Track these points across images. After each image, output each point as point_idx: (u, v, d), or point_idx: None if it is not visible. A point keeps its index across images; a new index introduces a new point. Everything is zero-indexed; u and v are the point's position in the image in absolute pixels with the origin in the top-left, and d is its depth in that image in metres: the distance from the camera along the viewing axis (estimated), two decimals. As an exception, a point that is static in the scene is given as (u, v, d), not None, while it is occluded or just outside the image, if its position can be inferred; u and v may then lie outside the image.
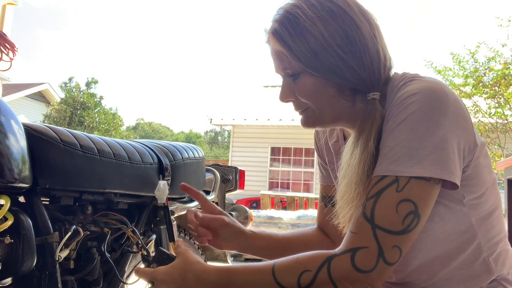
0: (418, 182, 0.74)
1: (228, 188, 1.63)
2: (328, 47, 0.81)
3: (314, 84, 0.84)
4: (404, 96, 0.78)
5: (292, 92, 0.88)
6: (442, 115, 0.75)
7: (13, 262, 0.76)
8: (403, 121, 0.76)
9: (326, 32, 0.81)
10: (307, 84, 0.85)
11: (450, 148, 0.75)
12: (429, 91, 0.77)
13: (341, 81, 0.83)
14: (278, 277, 0.76)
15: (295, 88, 0.87)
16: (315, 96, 0.86)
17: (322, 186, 1.13)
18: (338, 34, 0.82)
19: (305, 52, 0.82)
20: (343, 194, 0.84)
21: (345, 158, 0.87)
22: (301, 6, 0.84)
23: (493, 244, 0.85)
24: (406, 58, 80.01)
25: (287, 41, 0.83)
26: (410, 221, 0.73)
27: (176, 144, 1.28)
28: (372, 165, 0.80)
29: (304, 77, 0.85)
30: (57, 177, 0.85)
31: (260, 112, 11.10)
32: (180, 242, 0.89)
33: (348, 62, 0.82)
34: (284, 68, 0.87)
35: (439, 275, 0.85)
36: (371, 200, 0.75)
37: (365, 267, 0.72)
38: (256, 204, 9.70)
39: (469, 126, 0.80)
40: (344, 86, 0.84)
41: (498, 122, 7.81)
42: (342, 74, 0.82)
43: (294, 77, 0.86)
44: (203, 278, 0.80)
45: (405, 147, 0.75)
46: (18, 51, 1.38)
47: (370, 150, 0.80)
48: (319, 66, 0.82)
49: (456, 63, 8.02)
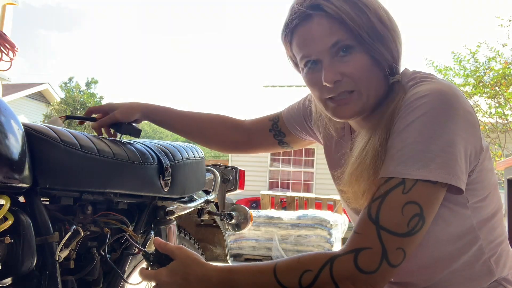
0: (424, 185, 0.73)
1: (228, 188, 1.63)
2: (380, 20, 0.81)
3: (368, 60, 0.81)
4: (414, 98, 0.77)
5: (340, 72, 0.81)
6: (451, 119, 0.74)
7: (13, 262, 0.76)
8: (412, 122, 0.75)
9: (376, 6, 0.82)
10: (361, 60, 0.81)
11: (458, 153, 0.74)
12: (440, 94, 0.76)
13: (388, 60, 0.82)
14: (280, 277, 0.75)
15: (345, 66, 0.81)
16: (367, 74, 0.81)
17: (283, 118, 1.17)
18: (384, 11, 0.83)
19: (364, 20, 0.79)
20: (352, 173, 0.83)
21: (362, 142, 0.84)
22: None
23: (495, 245, 0.85)
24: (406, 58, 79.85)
25: (344, 8, 0.79)
26: (415, 224, 0.72)
27: (176, 144, 1.28)
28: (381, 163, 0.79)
29: (357, 52, 0.80)
30: (57, 177, 0.85)
31: (260, 112, 11.05)
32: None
33: (395, 38, 0.83)
34: (336, 42, 0.80)
35: (440, 276, 0.85)
36: (377, 201, 0.74)
37: (368, 268, 0.71)
38: (256, 204, 9.69)
39: (477, 131, 0.79)
40: (384, 67, 0.83)
41: (498, 122, 7.81)
42: (391, 51, 0.82)
43: (347, 51, 0.81)
44: (204, 278, 0.79)
45: (413, 149, 0.74)
46: (18, 51, 1.38)
47: (388, 132, 0.80)
48: (376, 39, 0.80)
49: (456, 62, 8.02)
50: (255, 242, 5.17)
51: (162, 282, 0.82)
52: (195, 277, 0.80)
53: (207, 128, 1.23)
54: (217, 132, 1.23)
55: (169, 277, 0.81)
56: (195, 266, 0.81)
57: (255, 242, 5.17)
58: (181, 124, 1.21)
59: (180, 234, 1.54)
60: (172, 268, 0.82)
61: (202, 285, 0.79)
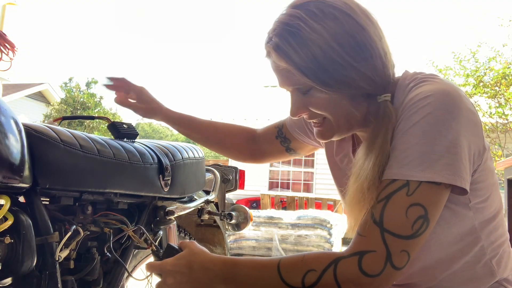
0: (428, 186, 0.72)
1: (228, 188, 1.63)
2: (338, 58, 0.75)
3: (329, 97, 0.79)
4: (417, 98, 0.76)
5: (304, 105, 0.83)
6: (455, 120, 0.73)
7: (13, 262, 0.76)
8: (416, 124, 0.74)
9: (334, 42, 0.75)
10: (320, 98, 0.80)
11: (462, 153, 0.73)
12: (443, 94, 0.75)
13: (356, 91, 0.78)
14: (283, 273, 0.75)
15: (307, 101, 0.82)
16: (331, 107, 0.81)
17: (287, 125, 1.18)
18: (347, 42, 0.76)
19: (313, 68, 0.76)
20: (353, 199, 0.81)
21: (359, 162, 0.82)
22: (301, 16, 0.77)
23: (496, 246, 0.85)
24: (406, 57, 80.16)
25: (292, 57, 0.76)
26: (420, 226, 0.72)
27: (176, 144, 1.28)
28: (384, 169, 0.77)
29: (316, 91, 0.80)
30: (57, 177, 0.85)
31: (260, 112, 11.09)
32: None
33: (361, 70, 0.76)
34: (291, 85, 0.81)
35: (442, 277, 0.85)
36: (381, 203, 0.74)
37: (372, 271, 0.71)
38: (256, 204, 9.69)
39: (480, 130, 0.79)
40: (357, 94, 0.80)
41: (498, 122, 7.81)
42: (356, 84, 0.77)
43: (305, 92, 0.81)
44: (209, 268, 0.80)
45: (417, 151, 0.73)
46: (18, 51, 1.38)
47: (386, 152, 0.77)
48: (331, 81, 0.76)
49: (457, 62, 8.02)
50: (255, 242, 5.17)
51: (166, 271, 0.82)
52: (199, 265, 0.80)
53: (226, 139, 1.27)
54: (234, 143, 1.26)
55: (174, 266, 0.82)
56: (201, 255, 0.82)
57: (255, 242, 5.17)
58: (202, 134, 1.26)
59: (180, 234, 1.54)
60: (178, 257, 0.83)
61: (206, 274, 0.79)
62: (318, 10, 0.77)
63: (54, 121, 1.15)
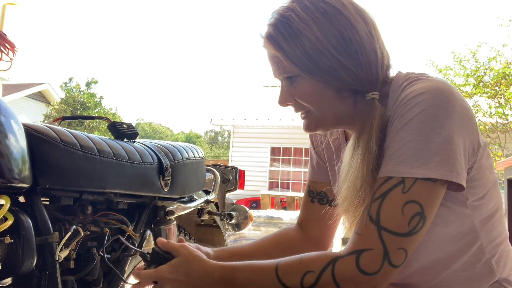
0: (424, 183, 0.73)
1: (228, 188, 1.64)
2: (323, 49, 0.80)
3: (313, 87, 0.83)
4: (410, 96, 0.77)
5: (291, 95, 0.87)
6: (449, 116, 0.74)
7: (13, 262, 0.76)
8: (410, 121, 0.75)
9: (321, 34, 0.80)
10: (305, 87, 0.84)
11: (457, 149, 0.74)
12: (436, 91, 0.75)
13: (339, 83, 0.82)
14: (281, 276, 0.75)
15: (294, 91, 0.86)
16: (315, 98, 0.85)
17: (311, 182, 1.10)
18: (333, 35, 0.80)
19: (300, 55, 0.81)
20: (346, 197, 0.83)
21: (346, 160, 0.85)
22: (294, 8, 0.82)
23: (495, 245, 0.85)
24: (406, 57, 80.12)
25: (282, 45, 0.82)
26: (416, 223, 0.72)
27: (176, 144, 1.28)
28: (376, 165, 0.79)
29: (302, 80, 0.84)
30: (57, 177, 0.85)
31: (260, 112, 11.08)
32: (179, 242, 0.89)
33: (344, 63, 0.80)
34: (281, 73, 0.86)
35: (441, 277, 0.85)
36: (377, 201, 0.74)
37: (370, 270, 0.71)
38: (256, 204, 9.69)
39: (474, 126, 0.79)
40: (342, 88, 0.83)
41: (498, 122, 7.81)
42: (339, 75, 0.81)
43: (292, 80, 0.85)
44: (206, 275, 0.80)
45: (412, 148, 0.74)
46: (18, 51, 1.38)
47: (372, 150, 0.79)
48: (315, 69, 0.81)
49: (457, 62, 8.02)
50: (255, 242, 5.17)
51: (163, 279, 0.81)
52: (197, 273, 0.80)
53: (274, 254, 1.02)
54: (283, 250, 1.08)
55: (171, 274, 0.81)
56: (197, 262, 0.81)
57: (255, 242, 5.17)
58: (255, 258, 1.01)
59: (180, 234, 1.54)
60: (174, 264, 0.82)
61: (204, 282, 0.79)
62: (311, 3, 0.82)
63: (54, 121, 1.14)
